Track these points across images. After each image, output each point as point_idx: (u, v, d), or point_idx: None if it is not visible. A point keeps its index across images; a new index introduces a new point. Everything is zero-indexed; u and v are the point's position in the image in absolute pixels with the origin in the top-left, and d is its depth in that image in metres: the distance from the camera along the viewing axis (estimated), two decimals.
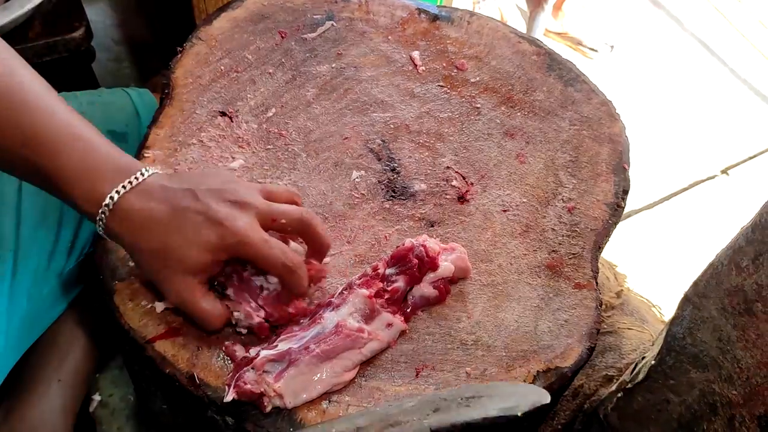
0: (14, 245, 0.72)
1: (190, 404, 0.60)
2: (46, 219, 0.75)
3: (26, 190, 0.74)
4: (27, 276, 0.72)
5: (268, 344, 0.60)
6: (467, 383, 0.61)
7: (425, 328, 0.65)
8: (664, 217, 1.54)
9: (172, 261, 0.57)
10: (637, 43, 1.97)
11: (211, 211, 0.57)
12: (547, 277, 0.70)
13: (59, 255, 0.76)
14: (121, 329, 0.62)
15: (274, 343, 0.60)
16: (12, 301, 0.71)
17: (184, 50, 0.82)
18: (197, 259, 0.56)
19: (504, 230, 0.72)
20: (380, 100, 0.81)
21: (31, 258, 0.73)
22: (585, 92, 0.85)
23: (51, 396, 0.78)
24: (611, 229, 0.74)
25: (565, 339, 0.65)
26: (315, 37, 0.86)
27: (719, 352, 0.59)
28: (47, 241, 0.75)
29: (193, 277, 0.58)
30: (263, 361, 0.57)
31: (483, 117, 0.81)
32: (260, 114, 0.78)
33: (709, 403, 0.61)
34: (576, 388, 0.84)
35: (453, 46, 0.88)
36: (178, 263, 0.57)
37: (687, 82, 1.88)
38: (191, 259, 0.56)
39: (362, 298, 0.61)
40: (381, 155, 0.77)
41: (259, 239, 0.57)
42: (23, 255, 0.72)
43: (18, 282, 0.72)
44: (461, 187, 0.75)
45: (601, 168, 0.78)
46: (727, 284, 0.57)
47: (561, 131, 0.81)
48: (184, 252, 0.56)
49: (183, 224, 0.56)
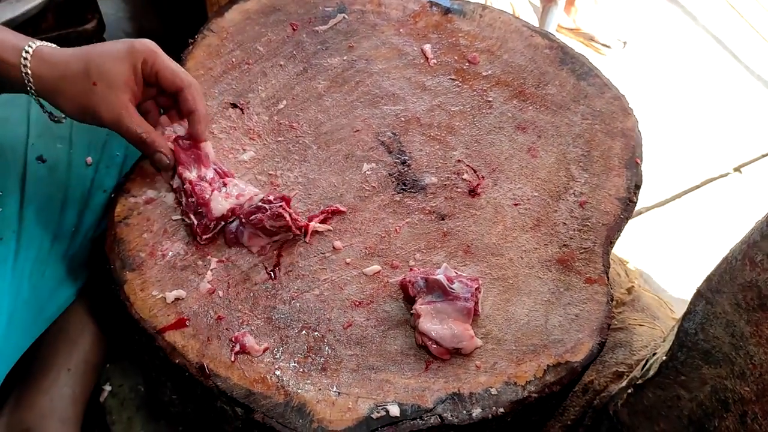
0: (17, 226, 0.72)
1: (200, 394, 0.60)
2: (50, 202, 0.75)
3: (31, 174, 0.75)
4: (29, 257, 0.73)
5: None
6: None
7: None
8: (676, 215, 1.53)
9: (97, 76, 0.63)
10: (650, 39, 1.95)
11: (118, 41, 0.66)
12: (558, 271, 0.69)
13: (62, 238, 0.76)
14: (132, 319, 0.62)
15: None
16: (14, 281, 0.71)
17: (196, 42, 0.82)
18: (119, 69, 0.64)
19: (515, 224, 0.72)
20: (391, 93, 0.81)
21: (33, 239, 0.73)
22: (598, 86, 0.84)
23: (61, 385, 0.78)
24: (623, 224, 0.74)
25: (575, 333, 0.65)
26: (326, 29, 0.86)
27: (732, 348, 0.58)
28: (50, 224, 0.75)
29: (121, 92, 0.65)
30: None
31: (495, 110, 0.81)
32: (271, 106, 0.78)
33: (721, 400, 0.60)
34: (586, 383, 0.83)
35: (465, 39, 0.87)
36: (103, 76, 0.64)
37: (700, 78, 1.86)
38: (114, 70, 0.64)
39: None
40: (392, 148, 0.76)
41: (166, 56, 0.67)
42: (26, 236, 0.73)
43: (20, 263, 0.72)
44: (472, 180, 0.75)
45: (613, 163, 0.78)
46: (741, 279, 0.56)
47: (573, 125, 0.81)
48: (106, 64, 0.64)
49: (100, 47, 0.65)
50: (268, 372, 0.60)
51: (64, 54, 0.64)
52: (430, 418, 0.58)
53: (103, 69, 0.64)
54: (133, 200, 0.69)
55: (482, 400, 0.60)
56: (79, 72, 0.63)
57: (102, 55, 0.64)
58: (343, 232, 0.69)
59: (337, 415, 0.58)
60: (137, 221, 0.68)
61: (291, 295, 0.65)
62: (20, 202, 0.73)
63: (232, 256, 0.67)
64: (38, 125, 0.77)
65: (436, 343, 0.62)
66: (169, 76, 0.67)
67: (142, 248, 0.66)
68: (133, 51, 0.65)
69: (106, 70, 0.64)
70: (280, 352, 0.61)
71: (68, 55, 0.64)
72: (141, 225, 0.68)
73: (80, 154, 0.78)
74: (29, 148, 0.76)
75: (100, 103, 0.64)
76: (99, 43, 0.66)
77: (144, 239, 0.67)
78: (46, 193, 0.75)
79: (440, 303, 0.63)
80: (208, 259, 0.66)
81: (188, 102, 0.68)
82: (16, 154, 0.75)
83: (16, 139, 0.76)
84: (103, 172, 0.79)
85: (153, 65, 0.66)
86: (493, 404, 0.60)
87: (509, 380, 0.61)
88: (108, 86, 0.64)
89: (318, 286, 0.66)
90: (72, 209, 0.77)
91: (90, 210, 0.78)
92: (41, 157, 0.76)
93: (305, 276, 0.66)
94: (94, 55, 0.64)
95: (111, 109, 0.64)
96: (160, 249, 0.66)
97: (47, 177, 0.76)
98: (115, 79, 0.64)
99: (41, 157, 0.76)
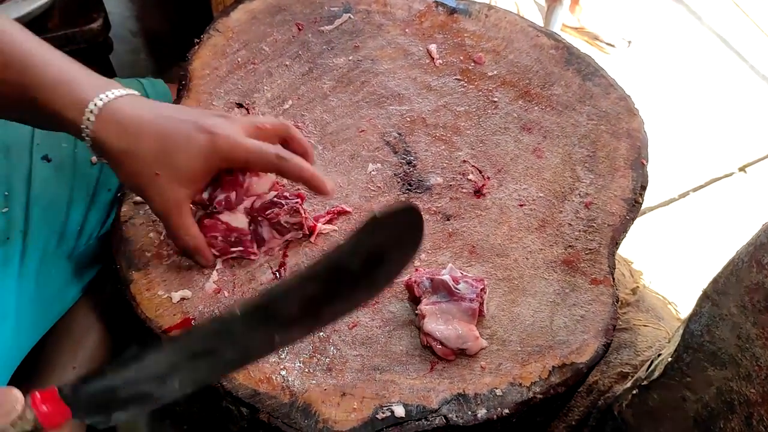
0: (23, 226, 0.72)
1: (205, 394, 0.61)
2: (55, 201, 0.75)
3: (36, 174, 0.75)
4: (36, 257, 0.73)
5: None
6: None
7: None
8: (680, 215, 1.53)
9: (164, 168, 0.56)
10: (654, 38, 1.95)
11: (200, 120, 0.57)
12: (563, 272, 0.69)
13: (68, 237, 0.76)
14: (138, 319, 0.63)
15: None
16: (21, 281, 0.72)
17: (202, 42, 0.82)
18: (190, 167, 0.56)
19: (520, 225, 0.72)
20: (397, 93, 0.81)
21: (40, 239, 0.73)
22: (603, 87, 0.84)
23: None
24: (628, 225, 0.74)
25: (581, 334, 0.65)
26: (332, 29, 0.86)
27: (738, 350, 0.58)
28: (56, 223, 0.75)
29: (182, 189, 0.57)
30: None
31: (500, 111, 0.81)
32: (277, 106, 0.78)
33: (727, 401, 0.60)
34: (590, 384, 0.83)
35: (470, 39, 0.87)
36: (170, 170, 0.56)
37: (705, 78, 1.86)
38: (184, 167, 0.56)
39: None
40: (397, 148, 0.76)
41: (249, 140, 0.58)
42: (33, 236, 0.73)
43: (27, 263, 0.72)
44: (477, 180, 0.75)
45: (618, 163, 0.78)
46: (748, 281, 0.56)
47: (579, 126, 0.80)
48: (177, 158, 0.56)
49: (174, 131, 0.56)
50: (273, 372, 0.60)
51: (135, 124, 0.56)
52: (435, 419, 0.58)
53: (172, 162, 0.56)
54: (139, 199, 0.69)
55: (487, 401, 0.60)
56: (147, 154, 0.56)
57: (177, 146, 0.56)
58: (348, 232, 0.69)
59: (342, 416, 0.58)
60: (143, 220, 0.68)
61: None
62: (26, 202, 0.73)
63: (238, 257, 0.67)
64: None
65: (441, 344, 0.62)
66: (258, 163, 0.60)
67: (149, 248, 0.66)
68: (214, 149, 0.57)
69: (175, 164, 0.56)
70: (285, 352, 0.61)
71: (140, 127, 0.56)
72: (147, 224, 0.68)
73: (85, 153, 0.78)
74: (35, 147, 0.76)
75: (155, 193, 0.57)
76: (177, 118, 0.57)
77: (150, 239, 0.67)
78: (51, 192, 0.75)
79: (445, 303, 0.63)
80: (214, 259, 0.66)
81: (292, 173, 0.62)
82: (22, 154, 0.75)
83: (22, 139, 0.76)
84: (108, 171, 0.79)
85: (236, 160, 0.59)
86: (498, 405, 0.60)
87: (514, 381, 0.61)
88: (170, 180, 0.57)
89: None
90: (78, 209, 0.77)
91: (95, 209, 0.78)
92: (47, 157, 0.76)
93: None
94: (170, 142, 0.56)
95: (163, 204, 0.58)
96: (166, 248, 0.66)
97: (53, 177, 0.76)
98: (182, 176, 0.57)
99: (47, 157, 0.76)
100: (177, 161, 0.56)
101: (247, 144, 0.58)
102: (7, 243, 0.71)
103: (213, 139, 0.56)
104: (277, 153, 0.59)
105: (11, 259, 0.71)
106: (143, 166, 0.56)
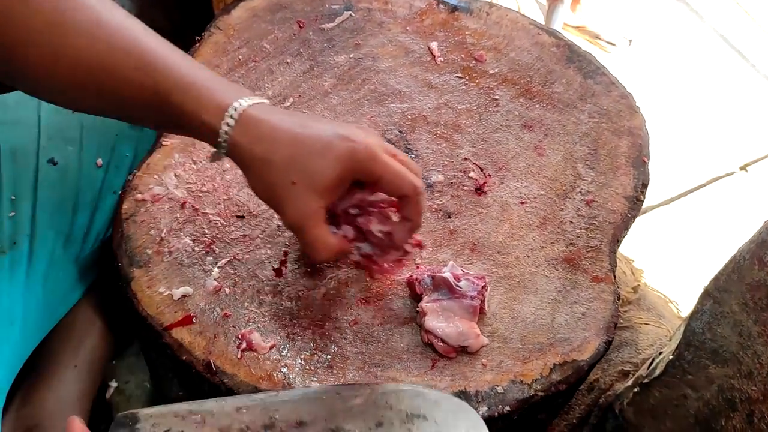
0: (30, 230, 0.72)
1: (207, 391, 0.61)
2: (61, 205, 0.75)
3: (42, 177, 0.75)
4: (43, 261, 0.73)
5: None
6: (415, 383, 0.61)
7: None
8: (681, 214, 1.53)
9: (300, 174, 0.54)
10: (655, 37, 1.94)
11: (339, 128, 0.55)
12: (564, 269, 0.69)
13: (75, 241, 0.76)
14: (139, 316, 0.63)
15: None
16: (28, 287, 0.72)
17: (203, 39, 0.82)
18: (326, 174, 0.54)
19: (521, 222, 0.72)
20: (398, 91, 0.81)
21: (46, 243, 0.73)
22: (605, 85, 0.84)
23: (68, 382, 0.79)
24: (630, 223, 0.74)
25: (582, 332, 0.65)
26: (333, 27, 0.86)
27: (739, 348, 0.58)
28: (63, 227, 0.75)
29: (318, 198, 0.55)
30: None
31: (501, 109, 0.81)
32: (278, 103, 0.78)
33: (728, 399, 0.60)
34: (591, 382, 0.83)
35: (472, 37, 0.87)
36: (306, 177, 0.54)
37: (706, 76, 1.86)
38: (320, 174, 0.54)
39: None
40: (398, 146, 0.76)
41: (388, 156, 0.56)
42: (39, 240, 0.73)
43: (34, 267, 0.72)
44: (479, 178, 0.75)
45: (620, 161, 0.78)
46: (750, 279, 0.56)
47: (580, 124, 0.80)
48: (314, 164, 0.54)
49: (312, 138, 0.54)
50: (274, 369, 0.60)
51: (272, 130, 0.54)
52: None
53: (308, 169, 0.54)
54: (140, 196, 0.69)
55: (488, 398, 0.60)
56: (282, 162, 0.54)
57: (312, 153, 0.54)
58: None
59: None
60: (144, 218, 0.68)
61: (297, 292, 0.65)
62: (33, 205, 0.73)
63: (239, 254, 0.67)
64: (49, 127, 0.77)
65: (442, 341, 0.62)
66: (393, 182, 0.56)
67: (149, 245, 0.66)
68: (353, 157, 0.54)
69: (312, 171, 0.54)
70: (286, 349, 0.61)
71: (277, 133, 0.54)
72: (148, 222, 0.68)
73: (90, 155, 0.78)
74: (41, 150, 0.76)
75: (289, 203, 0.55)
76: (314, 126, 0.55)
77: (151, 236, 0.67)
78: (58, 196, 0.75)
79: (446, 301, 0.63)
80: (215, 255, 0.66)
81: (409, 210, 0.59)
82: (28, 157, 0.75)
83: (28, 142, 0.76)
84: (113, 174, 0.79)
85: (373, 172, 0.55)
86: (499, 402, 0.60)
87: (515, 378, 0.61)
88: (306, 189, 0.54)
89: (324, 284, 0.66)
90: (83, 212, 0.77)
91: (101, 212, 0.78)
92: (52, 160, 0.76)
93: (311, 273, 0.66)
94: (305, 149, 0.54)
95: (297, 214, 0.55)
96: (167, 246, 0.66)
97: (59, 180, 0.75)
98: (318, 183, 0.54)
99: (52, 160, 0.76)
100: (314, 168, 0.54)
101: (386, 159, 0.56)
102: (14, 248, 0.71)
103: (353, 146, 0.54)
104: (413, 180, 0.57)
105: (19, 264, 0.71)
106: (279, 174, 0.54)
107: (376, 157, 0.55)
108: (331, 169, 0.54)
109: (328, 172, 0.54)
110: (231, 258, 0.66)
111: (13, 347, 0.71)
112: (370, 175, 0.56)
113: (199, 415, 0.50)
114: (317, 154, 0.54)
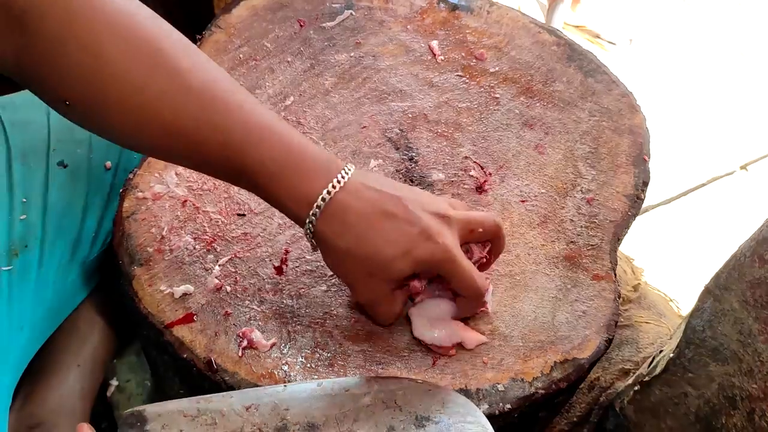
0: (41, 234, 0.72)
1: (208, 389, 0.61)
2: (71, 208, 0.75)
3: (53, 180, 0.74)
4: (52, 266, 0.73)
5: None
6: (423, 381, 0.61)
7: None
8: (681, 213, 1.53)
9: (380, 271, 0.55)
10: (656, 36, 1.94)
11: (423, 223, 0.55)
12: (565, 268, 0.69)
13: (83, 244, 0.76)
14: (139, 314, 0.63)
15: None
16: (38, 290, 0.71)
17: (203, 38, 0.82)
18: (402, 270, 0.56)
19: (522, 220, 0.72)
20: (399, 90, 0.81)
21: (56, 248, 0.73)
22: (605, 83, 0.84)
23: (70, 381, 0.79)
24: (630, 221, 0.74)
25: (582, 330, 0.65)
26: (334, 25, 0.86)
27: (740, 346, 0.58)
28: (72, 230, 0.75)
29: (392, 282, 0.57)
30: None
31: (502, 107, 0.81)
32: (278, 102, 0.78)
33: (729, 397, 0.60)
34: (592, 380, 0.83)
35: (472, 35, 0.87)
36: (385, 273, 0.56)
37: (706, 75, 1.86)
38: (397, 270, 0.55)
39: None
40: (399, 144, 0.77)
41: (463, 260, 0.57)
42: (49, 245, 0.72)
43: (44, 272, 0.72)
44: (479, 177, 0.75)
45: (621, 159, 0.78)
46: (750, 276, 0.56)
47: (580, 122, 0.80)
48: (393, 263, 0.55)
49: (396, 233, 0.55)
50: (275, 367, 0.60)
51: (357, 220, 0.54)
52: None
53: (385, 269, 0.55)
54: (141, 195, 0.69)
55: (489, 396, 0.60)
56: (363, 257, 0.55)
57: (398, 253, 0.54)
58: None
59: None
60: (145, 216, 0.68)
61: (298, 290, 0.65)
62: (43, 209, 0.73)
63: (240, 252, 0.67)
64: (58, 129, 0.76)
65: (433, 346, 0.62)
66: (460, 286, 0.58)
67: (150, 243, 0.66)
68: (432, 258, 0.55)
69: (391, 270, 0.55)
70: (287, 347, 0.61)
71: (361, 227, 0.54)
72: (149, 220, 0.68)
73: (100, 158, 0.78)
74: (51, 153, 0.75)
75: (364, 287, 0.57)
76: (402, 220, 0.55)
77: (152, 234, 0.67)
78: (67, 199, 0.75)
79: (435, 300, 0.62)
80: (216, 253, 0.66)
81: (466, 306, 0.62)
82: (39, 159, 0.74)
83: (39, 145, 0.75)
84: (121, 176, 0.79)
85: (446, 272, 0.57)
86: (500, 400, 0.60)
87: (516, 376, 0.61)
88: (380, 281, 0.57)
89: (325, 282, 0.66)
90: (92, 215, 0.77)
91: (109, 215, 0.78)
92: (62, 162, 0.75)
93: (312, 271, 0.66)
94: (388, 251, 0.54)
95: (371, 297, 0.58)
96: (168, 244, 0.67)
97: (68, 183, 0.75)
98: (395, 277, 0.56)
99: (62, 162, 0.75)
100: (393, 267, 0.55)
101: (461, 263, 0.57)
102: (25, 251, 0.70)
103: (433, 250, 0.55)
104: (479, 288, 0.59)
105: (29, 268, 0.71)
106: (358, 265, 0.55)
107: (454, 261, 0.56)
108: (409, 267, 0.56)
109: (407, 270, 0.56)
110: (232, 256, 0.66)
111: (20, 351, 0.71)
112: (444, 273, 0.57)
113: (208, 415, 0.50)
114: (399, 257, 0.55)
